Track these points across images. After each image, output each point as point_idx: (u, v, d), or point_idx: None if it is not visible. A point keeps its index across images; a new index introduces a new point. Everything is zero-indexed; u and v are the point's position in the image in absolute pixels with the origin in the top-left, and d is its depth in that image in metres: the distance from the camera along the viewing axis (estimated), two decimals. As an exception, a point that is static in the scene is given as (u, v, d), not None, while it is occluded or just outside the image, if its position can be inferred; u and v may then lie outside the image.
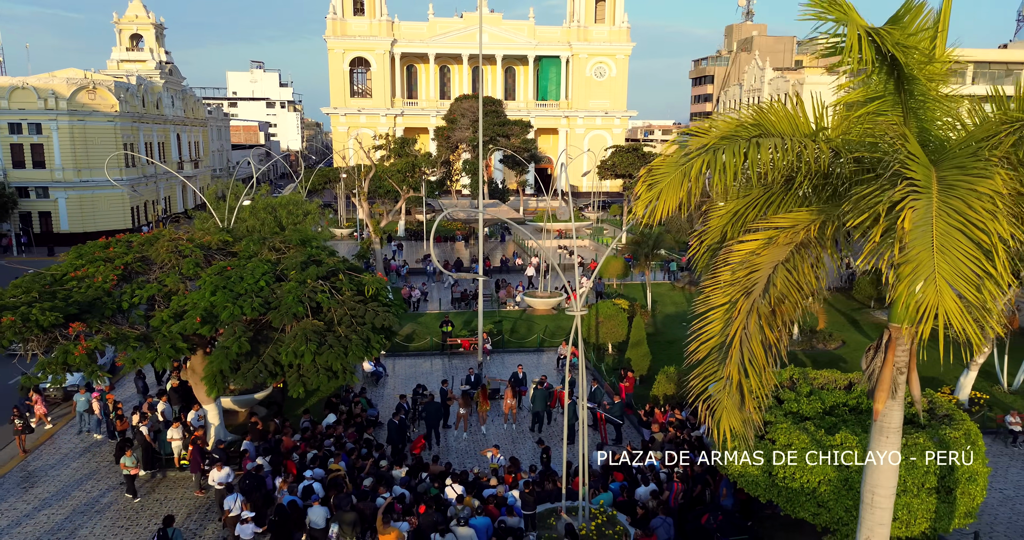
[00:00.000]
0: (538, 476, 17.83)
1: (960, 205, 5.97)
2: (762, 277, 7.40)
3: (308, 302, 17.07)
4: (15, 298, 16.99)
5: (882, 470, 9.29)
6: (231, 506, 16.67)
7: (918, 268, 5.85)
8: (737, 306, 7.31)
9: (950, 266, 5.79)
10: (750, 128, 7.55)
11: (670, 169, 7.40)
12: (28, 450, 22.32)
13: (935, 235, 5.83)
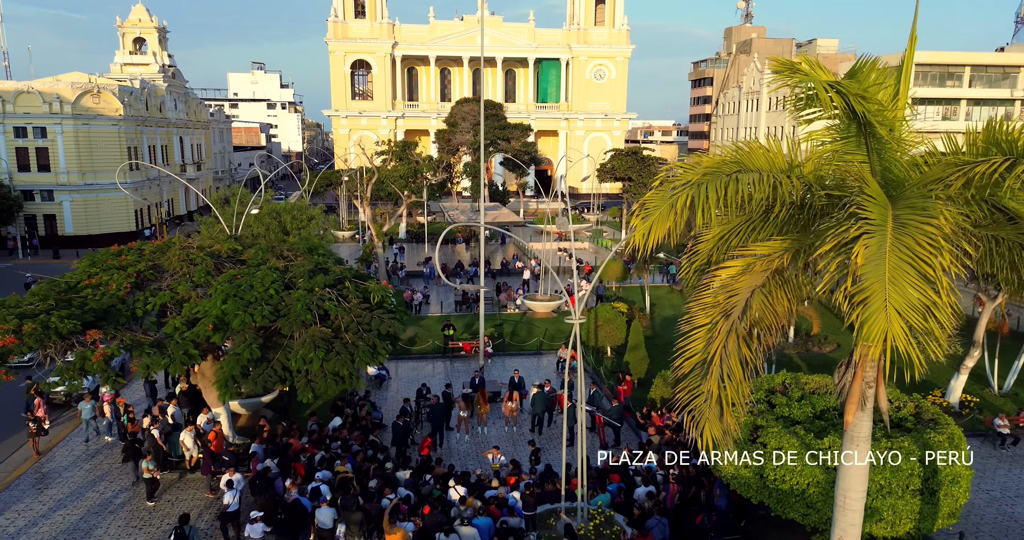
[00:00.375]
0: (538, 478, 18.41)
1: (910, 241, 6.60)
2: (740, 301, 8.06)
3: (316, 310, 17.67)
4: (33, 306, 17.58)
5: (853, 475, 9.93)
6: (229, 501, 17.41)
7: (871, 298, 6.50)
8: (717, 327, 7.98)
9: (900, 297, 6.42)
10: (731, 164, 8.17)
11: (660, 202, 8.03)
12: (42, 452, 22.91)
13: (888, 268, 6.46)
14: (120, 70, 76.13)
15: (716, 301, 8.12)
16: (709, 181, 7.77)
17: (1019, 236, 7.45)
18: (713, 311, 8.12)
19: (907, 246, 6.52)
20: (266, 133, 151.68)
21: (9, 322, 15.86)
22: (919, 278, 6.44)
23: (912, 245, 6.52)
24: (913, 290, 6.38)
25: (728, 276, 8.27)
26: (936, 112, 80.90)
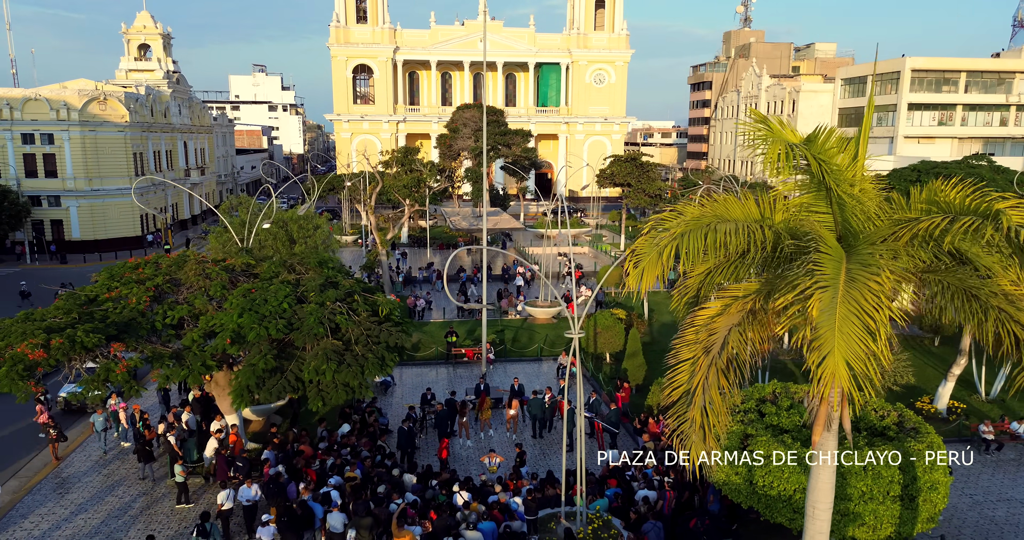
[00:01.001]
0: (539, 483, 19.28)
1: (858, 295, 7.48)
2: (719, 338, 8.96)
3: (328, 323, 18.53)
4: (58, 319, 18.44)
5: (820, 489, 10.86)
6: (223, 501, 18.44)
7: (823, 346, 7.41)
8: (699, 362, 8.89)
9: (846, 345, 7.31)
10: (710, 216, 9.06)
11: (649, 250, 8.93)
12: (61, 457, 23.77)
13: (837, 319, 7.36)
14: (125, 76, 77.00)
15: (698, 338, 9.07)
16: (691, 231, 8.70)
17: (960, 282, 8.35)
18: (695, 347, 9.07)
19: (855, 299, 7.43)
20: (268, 136, 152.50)
21: (37, 337, 16.71)
22: (863, 329, 7.35)
23: (859, 299, 7.43)
24: (858, 340, 7.29)
25: (708, 316, 9.24)
26: (932, 117, 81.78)
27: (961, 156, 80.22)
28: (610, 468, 20.69)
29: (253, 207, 36.10)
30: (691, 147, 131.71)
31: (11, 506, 20.79)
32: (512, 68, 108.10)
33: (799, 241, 8.62)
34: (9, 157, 60.56)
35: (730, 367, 8.92)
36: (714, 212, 8.99)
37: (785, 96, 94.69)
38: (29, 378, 16.96)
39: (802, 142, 8.57)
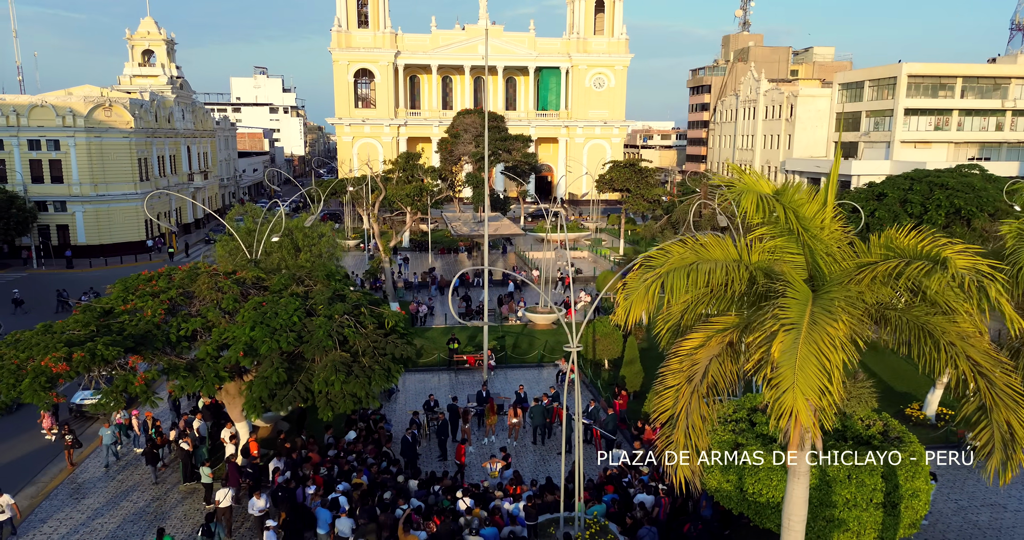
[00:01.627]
0: (538, 490, 20.05)
1: (818, 339, 8.25)
2: (700, 367, 9.75)
3: (336, 336, 19.31)
4: (77, 332, 19.20)
5: (795, 503, 11.67)
6: (220, 498, 19.50)
7: (782, 383, 8.20)
8: (682, 390, 9.67)
9: (805, 382, 8.09)
10: (692, 255, 9.87)
11: (637, 286, 9.74)
12: (76, 463, 24.54)
13: (798, 359, 8.15)
14: (130, 82, 77.79)
15: (681, 367, 9.88)
16: (675, 270, 9.52)
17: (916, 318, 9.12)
18: (679, 375, 9.88)
19: (815, 341, 8.22)
20: (269, 138, 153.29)
21: (59, 350, 17.48)
22: (820, 369, 8.14)
23: (819, 341, 8.22)
24: (815, 378, 8.08)
25: (690, 347, 10.05)
26: (929, 122, 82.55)
27: (957, 160, 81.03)
28: (607, 475, 21.45)
29: (254, 212, 36.79)
30: (690, 150, 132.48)
31: (30, 511, 21.57)
32: (512, 72, 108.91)
33: (772, 282, 9.44)
34: (16, 163, 61.36)
35: (711, 393, 9.75)
36: (696, 252, 9.80)
37: (783, 101, 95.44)
38: (51, 389, 17.71)
39: (773, 193, 9.36)
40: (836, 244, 9.85)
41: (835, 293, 8.81)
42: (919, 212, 39.45)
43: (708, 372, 9.74)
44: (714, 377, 9.77)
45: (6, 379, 17.79)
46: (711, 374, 9.75)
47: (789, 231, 9.45)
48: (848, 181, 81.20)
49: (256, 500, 18.96)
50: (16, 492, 22.88)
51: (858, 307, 9.05)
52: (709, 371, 9.74)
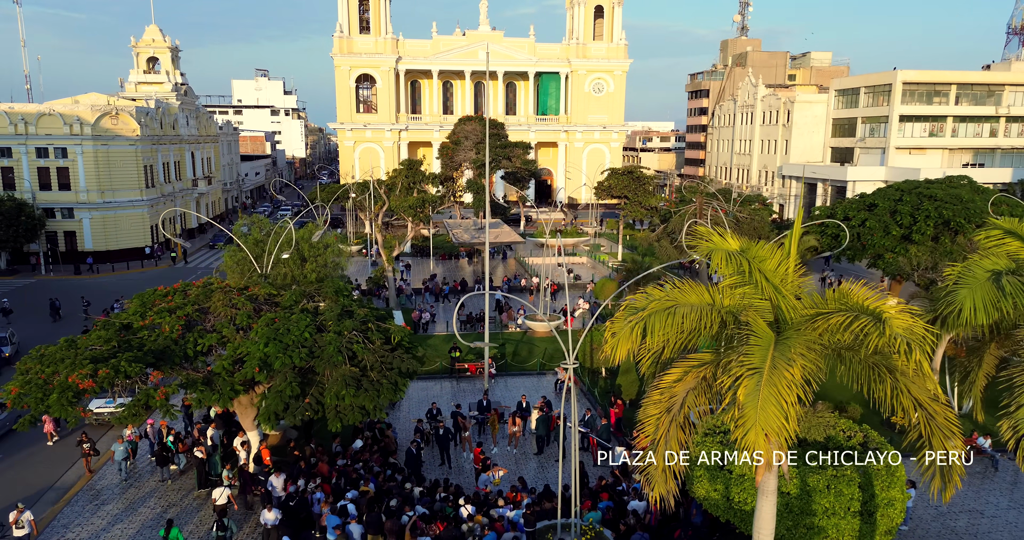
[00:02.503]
0: (537, 497, 21.11)
1: (777, 381, 9.31)
2: (678, 399, 10.83)
3: (345, 351, 20.36)
4: (94, 348, 20.23)
5: (763, 518, 12.77)
6: (216, 497, 21.00)
7: (747, 422, 9.28)
8: (662, 419, 10.75)
9: (765, 421, 9.16)
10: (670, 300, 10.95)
11: (622, 325, 10.85)
12: (94, 470, 25.60)
13: (760, 400, 9.22)
14: (135, 89, 78.84)
15: (661, 399, 10.97)
16: (655, 313, 10.62)
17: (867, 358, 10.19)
18: (660, 405, 10.96)
19: (775, 384, 9.29)
20: (271, 142, 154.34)
21: (85, 367, 18.53)
22: (778, 408, 9.21)
23: (778, 384, 9.29)
24: (774, 417, 9.16)
25: (669, 381, 11.13)
26: (923, 129, 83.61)
27: (952, 166, 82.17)
28: (602, 483, 22.50)
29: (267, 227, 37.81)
30: (689, 154, 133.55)
31: (52, 517, 22.61)
32: (512, 77, 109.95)
33: (739, 328, 10.54)
34: (24, 171, 62.41)
35: (687, 423, 10.84)
36: (674, 297, 10.89)
37: (780, 106, 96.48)
38: (77, 404, 18.78)
39: (738, 250, 10.44)
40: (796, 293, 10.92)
41: (793, 339, 9.92)
42: (908, 222, 40.48)
43: (684, 403, 10.84)
44: (691, 409, 10.86)
45: (34, 393, 18.84)
46: (687, 404, 10.85)
47: (755, 282, 10.54)
48: (844, 187, 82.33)
49: (267, 513, 19.92)
50: (38, 498, 24.02)
51: (815, 349, 10.14)
52: (686, 402, 10.84)
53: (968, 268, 12.11)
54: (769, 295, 10.28)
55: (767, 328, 10.25)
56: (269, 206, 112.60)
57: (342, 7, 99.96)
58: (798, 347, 9.72)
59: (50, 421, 28.03)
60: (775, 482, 12.35)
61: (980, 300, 11.48)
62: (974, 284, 11.61)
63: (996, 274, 11.57)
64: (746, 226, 43.43)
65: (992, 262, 12.03)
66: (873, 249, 41.46)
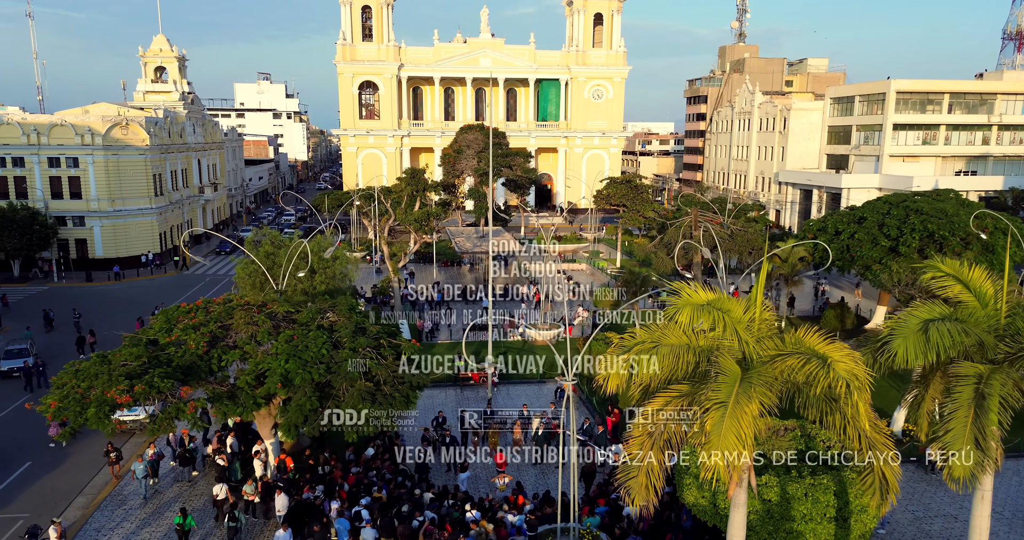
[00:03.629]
0: (538, 503, 22.64)
1: (739, 415, 10.88)
2: (659, 425, 12.38)
3: (360, 367, 21.89)
4: (125, 365, 21.73)
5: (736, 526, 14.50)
6: (218, 492, 23.06)
7: (711, 447, 10.83)
8: (645, 443, 12.30)
9: (726, 447, 10.71)
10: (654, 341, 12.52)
11: (612, 362, 12.44)
12: (119, 476, 27.11)
13: (723, 430, 10.75)
14: (143, 98, 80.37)
15: (645, 424, 12.56)
16: (640, 351, 12.17)
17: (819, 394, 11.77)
18: (644, 429, 12.54)
19: (736, 417, 10.82)
20: (274, 146, 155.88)
21: (121, 383, 20.05)
22: (737, 437, 10.77)
23: (739, 417, 10.83)
24: (734, 444, 10.71)
25: (652, 409, 12.68)
26: (917, 137, 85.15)
27: (945, 174, 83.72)
28: (598, 488, 24.02)
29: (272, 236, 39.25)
30: (687, 158, 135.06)
31: (84, 520, 24.16)
32: (513, 83, 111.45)
33: (712, 365, 12.09)
34: (36, 180, 63.94)
35: (667, 446, 12.41)
36: (657, 338, 12.47)
37: (777, 113, 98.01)
38: (112, 416, 20.30)
39: (707, 302, 11.98)
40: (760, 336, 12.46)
41: (755, 378, 11.45)
42: (895, 235, 41.94)
43: (666, 429, 12.40)
44: (669, 433, 12.43)
45: (73, 407, 20.36)
46: (667, 430, 12.41)
47: (724, 328, 12.09)
48: (838, 194, 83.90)
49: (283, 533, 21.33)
50: (68, 503, 25.53)
51: (775, 387, 11.68)
52: (668, 427, 12.40)
53: (903, 318, 13.68)
54: (737, 337, 11.81)
55: (735, 366, 11.81)
56: (273, 211, 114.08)
57: (345, 15, 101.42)
58: (758, 385, 11.26)
59: (55, 425, 29.53)
60: (744, 496, 13.92)
61: (911, 348, 13.06)
62: (907, 333, 13.17)
63: (926, 324, 13.14)
64: (740, 239, 44.93)
65: (927, 312, 13.59)
66: (862, 260, 42.94)
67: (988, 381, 12.50)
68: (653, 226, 66.55)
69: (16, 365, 38.24)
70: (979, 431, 12.44)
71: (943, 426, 13.13)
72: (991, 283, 14.01)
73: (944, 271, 14.59)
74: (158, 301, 56.25)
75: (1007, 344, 13.28)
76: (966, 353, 13.39)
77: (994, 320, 13.49)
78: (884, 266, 41.15)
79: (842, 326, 45.29)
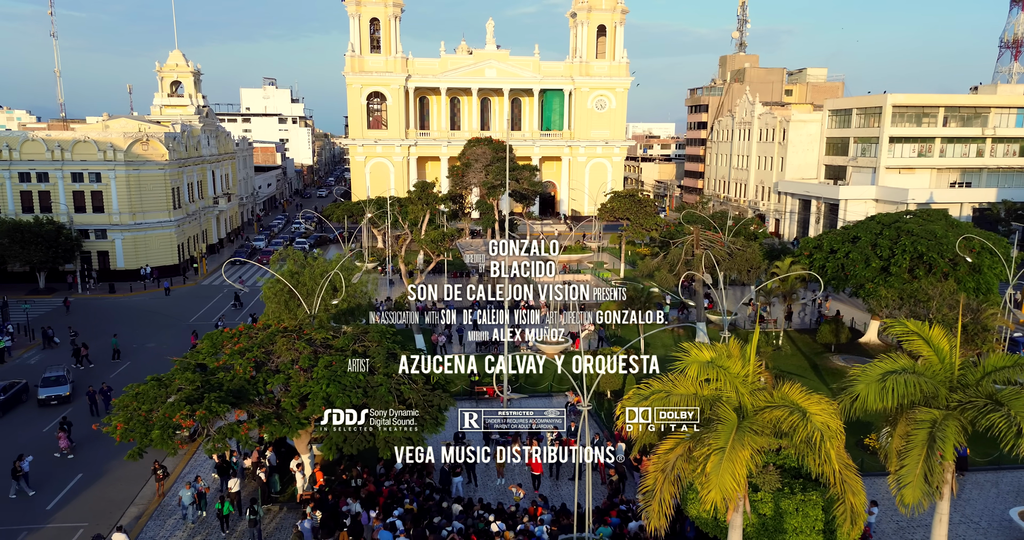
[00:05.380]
0: (555, 515, 24.92)
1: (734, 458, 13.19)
2: (671, 463, 14.69)
3: (394, 391, 24.16)
4: (182, 389, 23.98)
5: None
6: (232, 486, 25.93)
7: (710, 485, 13.13)
8: (658, 481, 14.62)
9: (723, 485, 12.96)
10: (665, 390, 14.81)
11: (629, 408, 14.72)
12: (165, 492, 29.29)
13: (721, 472, 13.01)
14: (160, 112, 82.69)
15: (658, 463, 14.86)
16: (654, 399, 14.45)
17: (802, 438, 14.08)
18: (657, 466, 14.85)
19: (731, 460, 13.08)
20: (281, 152, 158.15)
21: (183, 408, 22.33)
22: (732, 477, 13.03)
23: (734, 459, 13.09)
24: (730, 483, 12.97)
25: (663, 450, 15.01)
26: (912, 149, 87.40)
27: (939, 186, 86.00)
28: (609, 502, 26.29)
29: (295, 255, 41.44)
30: (688, 166, 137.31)
31: (139, 530, 26.43)
32: (517, 93, 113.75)
33: (713, 412, 14.37)
34: (60, 195, 66.24)
35: (678, 480, 14.72)
36: (668, 388, 14.74)
37: (776, 124, 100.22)
38: (175, 437, 22.59)
39: (710, 359, 14.27)
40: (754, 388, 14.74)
41: (747, 428, 13.71)
42: (887, 255, 44.22)
43: (675, 467, 14.68)
44: (678, 470, 14.73)
45: (138, 429, 22.64)
46: (677, 466, 14.70)
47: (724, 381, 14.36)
48: (836, 204, 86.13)
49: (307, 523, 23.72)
50: (122, 514, 27.79)
51: (765, 433, 13.94)
52: (675, 466, 14.68)
53: (866, 369, 15.99)
54: (735, 389, 14.07)
55: (732, 414, 14.10)
56: (282, 219, 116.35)
57: (354, 28, 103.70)
58: (750, 434, 13.50)
59: (64, 436, 32.57)
60: (740, 519, 16.24)
61: (872, 395, 15.40)
62: (868, 381, 15.53)
63: (885, 375, 15.47)
64: (739, 258, 47.21)
65: (888, 364, 15.96)
66: (855, 279, 45.19)
67: (941, 425, 14.81)
68: (656, 239, 68.79)
69: (53, 393, 38.79)
70: (928, 469, 14.75)
71: (900, 461, 15.41)
72: (947, 341, 16.34)
73: (909, 329, 16.86)
74: (180, 312, 58.70)
75: (959, 394, 15.56)
76: (925, 400, 15.67)
77: (948, 373, 15.81)
78: (876, 285, 43.38)
79: (837, 340, 47.52)
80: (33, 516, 27.48)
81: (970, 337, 32.15)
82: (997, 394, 15.08)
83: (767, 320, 54.62)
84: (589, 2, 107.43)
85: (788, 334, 51.65)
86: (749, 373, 14.82)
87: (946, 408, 15.48)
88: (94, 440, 32.43)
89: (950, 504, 18.00)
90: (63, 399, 39.06)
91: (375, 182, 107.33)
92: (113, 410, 24.34)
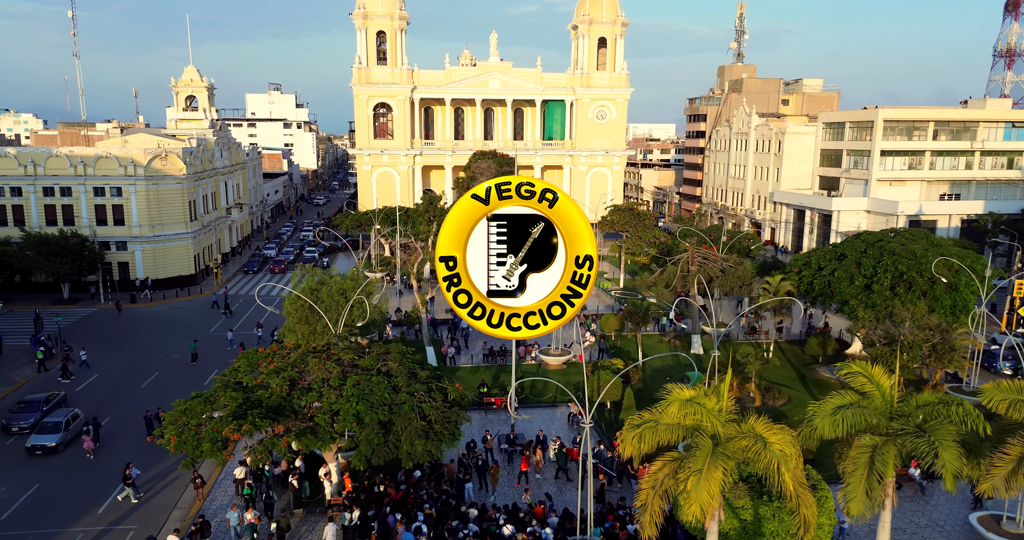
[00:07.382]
0: (561, 519, 27.77)
1: (709, 477, 16.02)
2: (660, 480, 17.51)
3: (416, 409, 27.01)
4: (227, 406, 26.81)
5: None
6: (237, 474, 29.33)
7: (690, 499, 15.99)
8: (650, 495, 17.45)
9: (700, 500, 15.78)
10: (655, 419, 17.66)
11: (627, 435, 17.55)
12: (204, 498, 32.08)
13: (699, 489, 15.81)
14: (175, 126, 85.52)
15: (650, 480, 17.69)
16: (646, 427, 17.29)
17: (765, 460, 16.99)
18: (648, 483, 17.70)
19: (707, 479, 15.87)
20: (287, 158, 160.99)
21: (231, 423, 25.17)
22: (708, 493, 15.81)
23: (709, 479, 15.88)
24: (706, 498, 15.77)
25: (654, 470, 17.83)
26: (903, 162, 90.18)
27: (930, 198, 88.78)
28: (608, 507, 29.13)
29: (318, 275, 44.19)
30: (687, 174, 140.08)
31: (184, 532, 29.23)
32: (520, 104, 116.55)
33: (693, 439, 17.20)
34: (83, 208, 69.07)
35: (667, 496, 17.57)
36: (657, 418, 17.55)
37: (772, 136, 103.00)
38: (224, 449, 25.45)
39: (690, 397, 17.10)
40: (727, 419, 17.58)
41: (719, 454, 16.50)
42: (870, 273, 47.02)
43: (663, 484, 17.52)
44: (667, 486, 17.57)
45: (190, 442, 25.50)
46: (666, 484, 17.55)
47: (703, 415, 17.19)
48: (829, 215, 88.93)
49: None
50: (167, 516, 30.63)
51: (735, 457, 16.76)
52: (664, 483, 17.53)
53: (822, 403, 18.95)
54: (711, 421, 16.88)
55: (708, 441, 16.94)
56: (291, 226, 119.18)
57: (360, 41, 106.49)
58: (722, 458, 16.30)
59: (88, 439, 35.52)
60: (716, 525, 19.14)
61: (827, 426, 18.30)
62: (823, 414, 18.45)
63: (837, 409, 18.39)
64: (732, 275, 50.04)
65: (839, 399, 18.92)
66: (840, 296, 48.00)
67: (880, 450, 17.67)
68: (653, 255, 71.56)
69: (44, 442, 35.24)
70: (869, 486, 17.59)
71: (846, 479, 18.32)
72: (887, 378, 19.25)
73: (855, 370, 19.75)
74: (199, 322, 61.54)
75: (897, 423, 18.40)
76: (869, 428, 18.52)
77: (888, 405, 18.66)
78: (859, 303, 46.19)
79: (824, 352, 50.36)
80: (88, 520, 30.30)
81: (939, 356, 34.90)
82: (924, 424, 18.14)
83: (759, 332, 57.47)
84: (590, 15, 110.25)
85: (779, 345, 54.50)
86: (723, 408, 17.63)
87: (886, 435, 18.31)
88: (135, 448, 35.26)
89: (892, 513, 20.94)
90: (48, 450, 35.31)
91: (381, 191, 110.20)
92: (164, 423, 27.16)
